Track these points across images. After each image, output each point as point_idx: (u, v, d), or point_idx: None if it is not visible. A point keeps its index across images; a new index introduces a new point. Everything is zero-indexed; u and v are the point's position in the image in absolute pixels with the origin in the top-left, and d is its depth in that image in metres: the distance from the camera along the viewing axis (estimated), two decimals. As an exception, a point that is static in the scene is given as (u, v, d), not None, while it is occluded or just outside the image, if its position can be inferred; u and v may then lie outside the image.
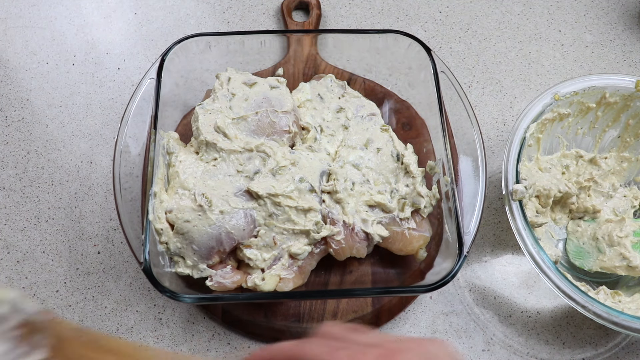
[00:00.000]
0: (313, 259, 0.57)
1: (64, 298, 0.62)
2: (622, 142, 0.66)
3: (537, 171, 0.62)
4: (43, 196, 0.67)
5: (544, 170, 0.63)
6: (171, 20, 0.80)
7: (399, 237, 0.57)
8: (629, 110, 0.63)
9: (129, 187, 0.58)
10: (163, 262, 0.54)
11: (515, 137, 0.58)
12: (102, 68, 0.76)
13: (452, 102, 0.60)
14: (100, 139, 0.71)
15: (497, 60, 0.78)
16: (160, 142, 0.57)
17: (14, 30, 0.78)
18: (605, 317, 0.51)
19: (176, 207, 0.54)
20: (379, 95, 0.70)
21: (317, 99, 0.64)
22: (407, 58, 0.64)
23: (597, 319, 0.51)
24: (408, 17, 0.81)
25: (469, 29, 0.80)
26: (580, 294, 0.52)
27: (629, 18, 0.81)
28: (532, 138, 0.60)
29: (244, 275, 0.55)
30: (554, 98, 0.59)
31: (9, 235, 0.65)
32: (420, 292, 0.52)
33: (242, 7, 0.81)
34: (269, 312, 0.60)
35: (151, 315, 0.61)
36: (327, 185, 0.57)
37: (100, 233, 0.65)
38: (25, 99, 0.73)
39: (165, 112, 0.59)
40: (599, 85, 0.60)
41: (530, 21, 0.81)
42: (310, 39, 0.72)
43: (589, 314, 0.51)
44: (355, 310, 0.60)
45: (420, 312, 0.62)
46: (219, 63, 0.65)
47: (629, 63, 0.78)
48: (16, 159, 0.69)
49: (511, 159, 0.57)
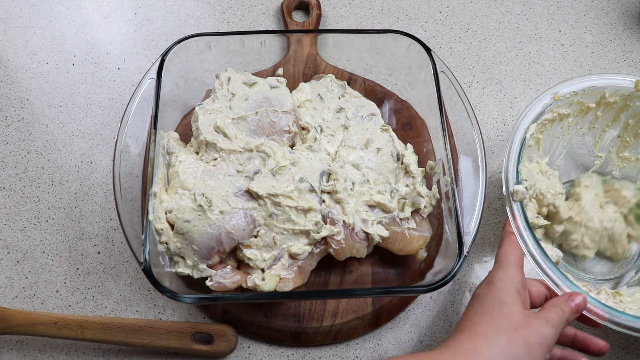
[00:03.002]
0: (313, 259, 0.57)
1: (64, 298, 0.62)
2: (622, 142, 0.66)
3: (537, 172, 0.62)
4: (43, 196, 0.67)
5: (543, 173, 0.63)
6: (171, 20, 0.80)
7: (399, 237, 0.57)
8: (628, 110, 0.63)
9: (129, 187, 0.58)
10: (163, 262, 0.54)
11: (515, 137, 0.58)
12: (102, 68, 0.76)
13: (452, 102, 0.60)
14: (100, 139, 0.71)
15: (497, 60, 0.78)
16: (160, 142, 0.57)
17: (14, 30, 0.78)
18: (607, 317, 0.51)
19: (176, 207, 0.54)
20: (379, 95, 0.70)
21: (317, 99, 0.64)
22: (407, 58, 0.64)
23: (599, 320, 0.51)
24: (408, 17, 0.81)
25: (469, 29, 0.80)
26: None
27: (629, 18, 0.81)
28: (532, 138, 0.60)
29: (244, 275, 0.55)
30: (553, 98, 0.59)
31: (9, 235, 0.65)
32: (420, 292, 0.52)
33: (242, 7, 0.81)
34: (269, 312, 0.60)
35: (151, 315, 0.61)
36: (327, 186, 0.57)
37: (100, 233, 0.65)
38: (25, 99, 0.73)
39: (165, 112, 0.59)
40: (598, 86, 0.60)
41: (530, 21, 0.81)
42: (310, 39, 0.72)
43: (590, 314, 0.51)
44: (355, 310, 0.60)
45: (420, 312, 0.62)
46: (219, 63, 0.66)
47: (629, 63, 0.78)
48: (16, 159, 0.69)
49: (512, 160, 0.57)
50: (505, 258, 0.52)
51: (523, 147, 0.57)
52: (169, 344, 0.57)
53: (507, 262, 0.51)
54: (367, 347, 0.60)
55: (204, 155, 0.57)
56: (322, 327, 0.59)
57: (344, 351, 0.60)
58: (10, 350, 0.59)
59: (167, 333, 0.57)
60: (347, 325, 0.60)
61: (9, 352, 0.59)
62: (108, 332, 0.57)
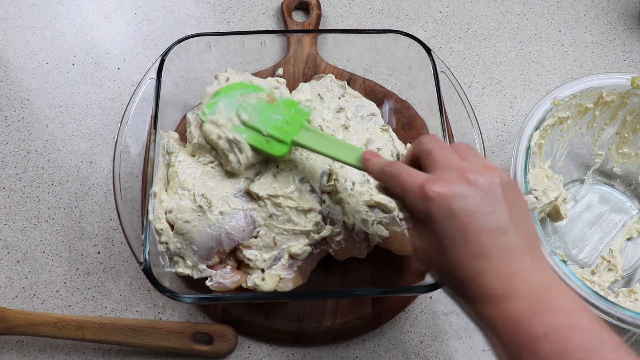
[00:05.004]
0: (313, 259, 0.57)
1: (64, 298, 0.62)
2: (621, 138, 0.66)
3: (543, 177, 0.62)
4: (43, 196, 0.67)
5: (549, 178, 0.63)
6: (171, 20, 0.80)
7: (399, 237, 0.57)
8: (625, 107, 0.63)
9: (129, 187, 0.58)
10: (163, 262, 0.54)
11: (520, 146, 0.57)
12: (102, 68, 0.76)
13: (452, 102, 0.60)
14: (100, 139, 0.71)
15: (497, 60, 0.78)
16: (160, 142, 0.57)
17: (14, 30, 0.78)
18: (630, 321, 0.49)
19: (176, 207, 0.54)
20: (379, 95, 0.70)
21: (317, 99, 0.64)
22: (407, 58, 0.64)
23: (621, 324, 0.49)
24: (408, 17, 0.81)
25: (469, 29, 0.80)
26: (601, 299, 0.50)
27: (629, 18, 0.81)
28: (535, 145, 0.60)
29: (244, 276, 0.55)
30: (553, 103, 0.59)
31: (9, 235, 0.65)
32: (420, 292, 0.52)
33: (242, 7, 0.81)
34: (269, 312, 0.60)
35: (151, 315, 0.61)
36: (327, 186, 0.57)
37: (100, 233, 0.65)
38: (25, 99, 0.73)
39: (165, 112, 0.59)
40: (596, 86, 0.60)
41: (530, 21, 0.81)
42: (310, 39, 0.72)
43: (612, 319, 0.49)
44: (355, 310, 0.60)
45: (420, 312, 0.62)
46: (219, 63, 0.66)
47: (628, 63, 0.78)
48: (16, 159, 0.69)
49: (519, 170, 0.56)
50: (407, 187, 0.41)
51: (528, 156, 0.57)
52: (169, 344, 0.57)
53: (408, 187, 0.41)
54: (367, 347, 0.60)
55: (201, 158, 0.57)
56: (322, 327, 0.59)
57: (344, 351, 0.60)
58: (10, 351, 0.59)
59: (167, 333, 0.57)
60: (347, 325, 0.60)
61: (9, 352, 0.59)
62: (108, 333, 0.57)
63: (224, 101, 0.56)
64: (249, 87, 0.57)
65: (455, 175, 0.39)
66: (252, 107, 0.55)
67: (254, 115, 0.54)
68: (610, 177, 0.69)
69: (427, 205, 0.38)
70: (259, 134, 0.54)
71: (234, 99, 0.56)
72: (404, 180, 0.40)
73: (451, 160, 0.40)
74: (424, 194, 0.38)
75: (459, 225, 0.37)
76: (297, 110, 0.55)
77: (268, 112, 0.55)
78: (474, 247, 0.37)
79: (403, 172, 0.41)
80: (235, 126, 0.54)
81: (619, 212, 0.67)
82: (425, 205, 0.38)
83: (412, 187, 0.39)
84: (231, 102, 0.55)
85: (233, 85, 0.57)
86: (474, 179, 0.38)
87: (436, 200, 0.38)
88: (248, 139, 0.54)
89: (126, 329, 0.57)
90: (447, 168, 0.40)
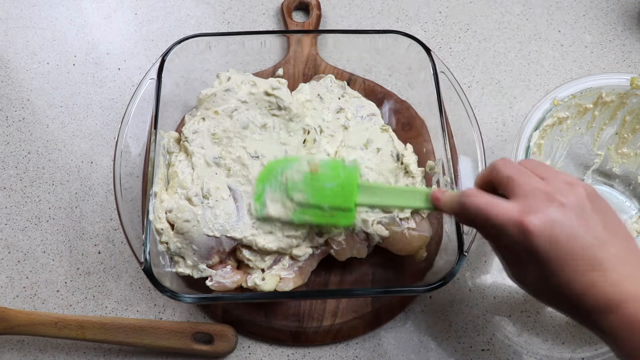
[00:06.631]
0: (314, 259, 0.57)
1: (65, 298, 0.62)
2: (620, 139, 0.66)
3: None
4: (44, 196, 0.67)
5: None
6: (171, 21, 0.80)
7: (399, 237, 0.58)
8: (625, 108, 0.63)
9: (130, 187, 0.58)
10: (163, 262, 0.54)
11: (519, 147, 0.57)
12: (103, 68, 0.76)
13: (452, 102, 0.60)
14: (100, 139, 0.71)
15: (497, 61, 0.78)
16: (161, 142, 0.57)
17: (15, 31, 0.78)
18: None
19: (176, 206, 0.54)
20: (379, 95, 0.70)
21: (317, 99, 0.64)
22: (407, 58, 0.64)
23: None
24: (408, 18, 0.81)
25: (468, 29, 0.80)
26: None
27: (629, 18, 0.81)
28: (535, 145, 0.60)
29: (244, 275, 0.56)
30: (553, 103, 0.59)
31: (10, 235, 0.65)
32: (420, 292, 0.52)
33: (242, 7, 0.81)
34: (269, 312, 0.60)
35: (151, 315, 0.61)
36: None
37: (101, 233, 0.65)
38: (26, 99, 0.73)
39: (165, 112, 0.59)
40: (595, 86, 0.60)
41: (530, 21, 0.81)
42: (310, 39, 0.72)
43: None
44: (355, 310, 0.60)
45: (420, 312, 0.62)
46: (219, 63, 0.66)
47: (628, 63, 0.78)
48: (17, 159, 0.69)
49: None
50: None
51: (528, 156, 0.57)
52: (169, 344, 0.57)
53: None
54: (367, 347, 0.60)
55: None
56: (322, 326, 0.60)
57: (344, 351, 0.60)
58: (11, 350, 0.59)
59: (167, 333, 0.57)
60: (347, 325, 0.60)
61: (10, 352, 0.59)
62: (108, 332, 0.57)
63: (269, 188, 0.53)
64: (284, 161, 0.55)
65: (546, 201, 0.40)
66: (300, 184, 0.52)
67: (306, 192, 0.51)
68: (609, 177, 0.69)
69: (529, 239, 0.39)
70: (319, 210, 0.51)
71: (277, 182, 0.53)
72: (495, 216, 0.40)
73: (534, 184, 0.41)
74: (523, 229, 0.39)
75: (563, 248, 0.39)
76: (345, 169, 0.52)
77: (318, 183, 0.52)
78: (582, 263, 0.39)
79: (488, 205, 0.41)
80: (294, 211, 0.52)
81: (618, 212, 0.67)
82: (527, 240, 0.39)
83: (508, 222, 0.40)
84: (276, 186, 0.53)
85: (269, 166, 0.55)
86: (563, 200, 0.40)
87: (536, 233, 0.39)
88: (312, 220, 0.52)
89: (127, 328, 0.57)
90: (532, 194, 0.40)
